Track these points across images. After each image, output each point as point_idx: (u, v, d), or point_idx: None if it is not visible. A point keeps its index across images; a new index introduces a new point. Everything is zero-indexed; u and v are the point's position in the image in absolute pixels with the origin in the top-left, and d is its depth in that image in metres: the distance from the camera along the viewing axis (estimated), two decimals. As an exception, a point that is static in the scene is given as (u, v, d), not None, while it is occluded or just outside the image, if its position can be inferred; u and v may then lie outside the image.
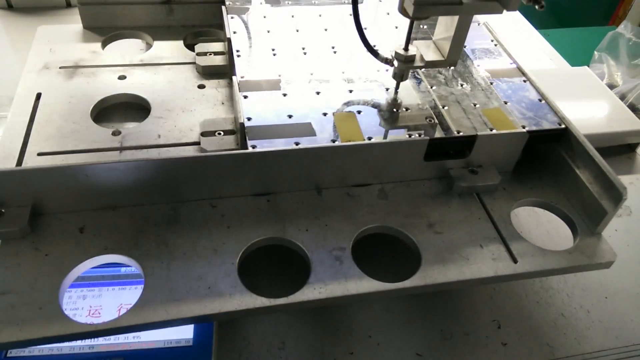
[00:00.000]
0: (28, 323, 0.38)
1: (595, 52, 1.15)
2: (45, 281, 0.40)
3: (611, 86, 0.87)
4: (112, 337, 0.43)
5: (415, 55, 0.50)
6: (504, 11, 0.45)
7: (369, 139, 0.48)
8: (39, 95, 0.56)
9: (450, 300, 0.53)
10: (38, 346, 0.42)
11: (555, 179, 0.52)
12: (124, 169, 0.43)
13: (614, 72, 1.12)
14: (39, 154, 0.50)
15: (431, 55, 0.51)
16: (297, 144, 0.46)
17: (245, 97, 0.51)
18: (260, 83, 0.53)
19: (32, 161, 0.49)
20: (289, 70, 0.55)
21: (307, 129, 0.48)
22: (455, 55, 0.51)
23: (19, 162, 0.48)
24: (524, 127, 0.50)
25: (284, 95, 0.52)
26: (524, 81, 0.56)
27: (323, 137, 0.48)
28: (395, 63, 0.51)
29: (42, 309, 0.38)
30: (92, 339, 0.43)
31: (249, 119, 0.48)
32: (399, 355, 0.48)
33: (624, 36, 1.10)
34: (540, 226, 0.58)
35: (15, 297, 0.39)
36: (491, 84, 0.56)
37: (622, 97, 0.80)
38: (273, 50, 0.58)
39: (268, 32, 0.60)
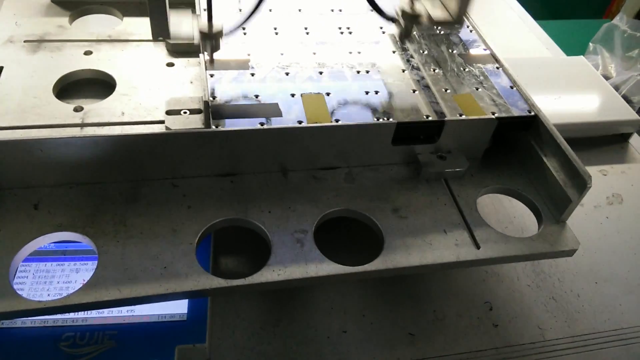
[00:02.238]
0: (-25, 300, 0.36)
1: (590, 44, 1.15)
2: (-6, 257, 0.39)
3: (605, 78, 0.87)
4: (105, 310, 0.43)
5: (421, 13, 0.48)
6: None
7: (337, 121, 0.47)
8: (0, 69, 0.54)
9: (443, 282, 0.53)
10: (31, 317, 0.42)
11: (523, 167, 0.52)
12: (80, 145, 0.42)
13: (608, 64, 1.13)
14: (-2, 128, 0.48)
15: (438, 13, 0.49)
16: (262, 124, 0.45)
17: (212, 75, 0.50)
18: (229, 62, 0.52)
19: (-10, 135, 0.48)
20: (259, 50, 0.54)
21: (273, 110, 0.47)
22: (462, 13, 0.49)
23: (-25, 136, 0.47)
24: (493, 114, 0.50)
25: (252, 75, 0.51)
26: (497, 68, 0.56)
27: (289, 119, 0.47)
28: (401, 21, 0.48)
29: (-11, 286, 0.37)
30: (86, 312, 0.43)
31: (214, 97, 0.47)
32: (392, 335, 0.49)
33: (619, 28, 1.11)
34: (506, 213, 0.58)
35: (-38, 273, 0.38)
36: (464, 69, 0.55)
37: (616, 89, 0.80)
38: (244, 29, 0.56)
39: (240, 10, 0.59)
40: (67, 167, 0.43)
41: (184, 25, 0.61)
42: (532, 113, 0.50)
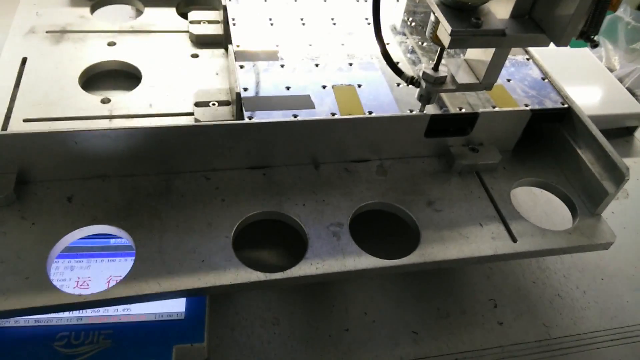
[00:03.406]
0: (14, 293, 0.36)
1: None
2: (31, 251, 0.38)
3: (608, 70, 0.86)
4: (101, 309, 0.42)
5: (446, 76, 0.44)
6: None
7: (370, 113, 0.47)
8: (24, 60, 0.53)
9: (447, 279, 0.52)
10: (25, 317, 0.41)
11: (556, 159, 0.51)
12: (114, 137, 0.42)
13: (611, 56, 1.12)
14: (25, 120, 0.48)
15: (464, 77, 0.45)
16: (295, 116, 0.45)
17: (242, 67, 0.49)
18: (257, 53, 0.51)
19: (17, 127, 0.47)
20: (286, 41, 0.53)
21: (305, 102, 0.47)
22: (492, 79, 0.45)
23: (4, 128, 0.46)
24: (526, 106, 0.49)
25: (282, 66, 0.50)
26: (527, 59, 0.55)
27: (322, 110, 0.46)
28: (423, 84, 0.44)
29: (28, 279, 0.37)
30: (81, 311, 0.42)
31: (245, 89, 0.47)
32: (395, 333, 0.48)
33: (622, 20, 1.10)
34: (539, 206, 0.57)
35: (1, 267, 0.37)
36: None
37: (620, 82, 0.79)
38: (270, 20, 0.56)
39: (265, 1, 0.58)
40: (100, 159, 0.43)
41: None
42: (566, 105, 0.50)
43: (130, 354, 0.40)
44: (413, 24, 0.59)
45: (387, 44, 0.45)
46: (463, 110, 0.48)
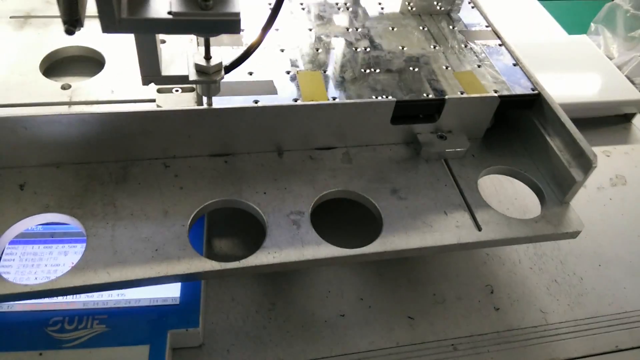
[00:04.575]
0: (-44, 283, 0.35)
1: (592, 24, 1.13)
2: (-22, 239, 0.38)
3: (607, 58, 0.85)
4: (94, 294, 0.42)
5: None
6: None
7: (334, 99, 0.45)
8: (-15, 46, 0.52)
9: (442, 265, 0.52)
10: (21, 301, 0.41)
11: (526, 147, 0.50)
12: (66, 123, 0.41)
13: (610, 44, 1.11)
14: (-19, 107, 0.46)
15: None
16: (256, 102, 0.44)
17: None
18: (221, 38, 0.50)
19: (-27, 113, 0.46)
20: (253, 26, 0.52)
21: (268, 87, 0.46)
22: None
23: (-42, 114, 0.45)
24: (495, 92, 0.48)
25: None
26: (500, 45, 0.54)
27: (284, 96, 0.45)
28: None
29: (-27, 269, 0.36)
30: (74, 296, 0.42)
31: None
32: (391, 318, 0.48)
33: (621, 8, 1.08)
34: (508, 195, 0.56)
35: (-56, 256, 0.36)
36: (465, 46, 0.53)
37: (619, 69, 0.79)
38: (237, 4, 0.54)
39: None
40: (53, 146, 0.42)
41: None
42: (536, 91, 0.49)
43: (125, 338, 0.40)
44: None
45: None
46: (430, 96, 0.47)
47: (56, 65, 0.53)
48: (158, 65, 0.43)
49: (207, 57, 0.41)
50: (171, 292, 0.43)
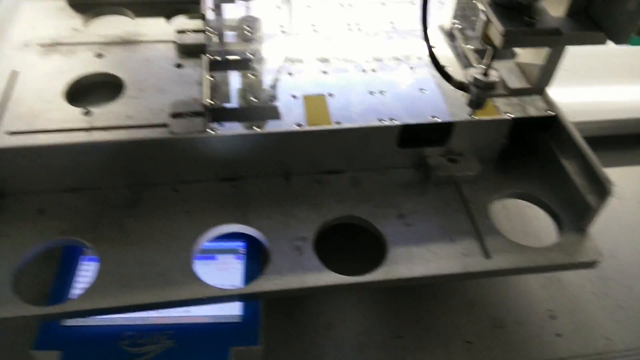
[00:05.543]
0: (-24, 304, 0.37)
1: None
2: (-2, 263, 0.40)
3: None
4: (163, 310, 0.42)
5: (496, 81, 0.43)
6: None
7: (337, 123, 0.45)
8: (15, 73, 0.55)
9: (501, 288, 0.51)
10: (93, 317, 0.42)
11: (543, 169, 0.49)
12: (80, 151, 0.42)
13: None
14: (10, 133, 0.49)
15: (515, 82, 0.45)
16: (259, 127, 0.44)
17: (212, 77, 0.49)
18: (231, 63, 0.51)
19: (2, 140, 0.49)
20: (263, 50, 0.53)
21: (272, 112, 0.46)
22: (545, 83, 0.44)
23: (-12, 140, 0.48)
24: (508, 114, 0.47)
25: (254, 76, 0.50)
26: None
27: (289, 121, 0.46)
28: (473, 89, 0.44)
29: (-9, 291, 0.38)
30: (145, 312, 0.43)
31: (212, 101, 0.47)
32: (448, 342, 0.47)
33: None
34: (524, 220, 0.54)
35: (-33, 278, 0.39)
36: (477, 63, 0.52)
37: None
38: (250, 28, 0.55)
39: (247, 7, 0.58)
40: (69, 172, 0.44)
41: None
42: (552, 113, 0.47)
43: (191, 354, 0.41)
44: (460, 25, 0.56)
45: (434, 47, 0.44)
46: (437, 120, 0.46)
47: (81, 91, 0.56)
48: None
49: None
50: (233, 310, 0.44)
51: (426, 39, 0.42)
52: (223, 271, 0.45)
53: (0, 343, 0.44)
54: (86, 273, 0.44)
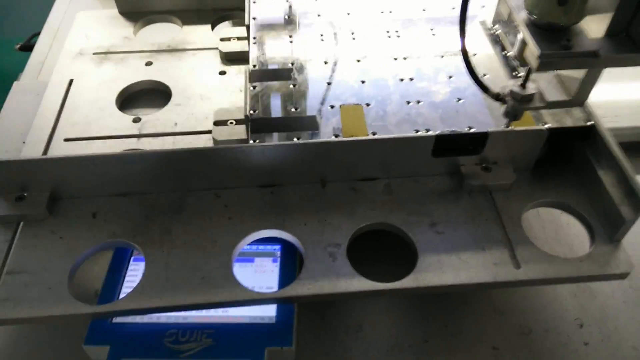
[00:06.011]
0: (37, 302, 0.41)
1: None
2: (56, 263, 0.44)
3: None
4: (204, 310, 0.45)
5: (534, 94, 0.43)
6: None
7: (374, 134, 0.47)
8: (71, 82, 0.59)
9: (530, 295, 0.51)
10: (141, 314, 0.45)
11: (579, 179, 0.48)
12: (128, 160, 0.45)
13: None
14: (65, 140, 0.53)
15: (553, 94, 0.45)
16: (298, 138, 0.46)
17: (254, 87, 0.51)
18: (271, 73, 0.53)
19: (58, 146, 0.53)
20: (303, 58, 0.55)
21: (311, 123, 0.48)
22: (584, 96, 0.44)
23: (47, 147, 0.52)
24: (545, 124, 0.47)
25: (294, 86, 0.52)
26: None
27: (326, 131, 0.47)
28: (509, 101, 0.44)
29: (50, 289, 0.42)
30: (186, 311, 0.45)
31: (253, 110, 0.49)
32: (474, 348, 0.48)
33: None
34: (557, 229, 0.54)
35: (29, 277, 0.43)
36: (515, 73, 0.52)
37: None
38: (290, 37, 0.57)
39: (287, 17, 0.59)
40: (120, 179, 0.47)
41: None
42: (590, 123, 0.47)
43: (229, 352, 0.43)
44: (498, 32, 0.56)
45: (474, 54, 0.45)
46: (472, 130, 0.47)
47: (132, 97, 0.59)
48: None
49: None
50: (268, 311, 0.46)
51: (464, 52, 0.42)
52: (260, 273, 0.47)
53: (52, 338, 0.47)
54: (135, 273, 0.47)
